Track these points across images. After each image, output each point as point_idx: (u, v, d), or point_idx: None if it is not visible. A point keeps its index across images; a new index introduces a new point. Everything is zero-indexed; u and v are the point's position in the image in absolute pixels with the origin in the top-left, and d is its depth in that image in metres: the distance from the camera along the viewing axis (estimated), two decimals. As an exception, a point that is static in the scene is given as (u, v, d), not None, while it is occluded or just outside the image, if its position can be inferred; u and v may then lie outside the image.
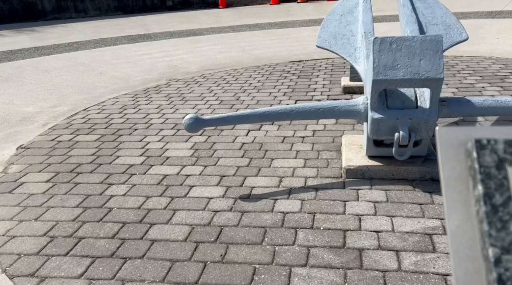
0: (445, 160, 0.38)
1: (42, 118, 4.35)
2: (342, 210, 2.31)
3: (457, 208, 0.37)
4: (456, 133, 0.39)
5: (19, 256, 2.10)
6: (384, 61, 2.31)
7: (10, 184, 2.88)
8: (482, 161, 0.37)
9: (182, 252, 2.04)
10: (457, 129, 0.40)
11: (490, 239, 0.35)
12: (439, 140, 0.39)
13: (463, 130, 0.39)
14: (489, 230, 0.35)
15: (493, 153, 0.37)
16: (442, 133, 0.39)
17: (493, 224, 0.35)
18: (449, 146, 0.39)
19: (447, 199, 0.37)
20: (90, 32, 11.34)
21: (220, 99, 4.57)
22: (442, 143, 0.39)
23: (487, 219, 0.35)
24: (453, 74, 4.94)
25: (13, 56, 8.32)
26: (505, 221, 0.35)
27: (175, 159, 3.09)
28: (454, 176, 0.38)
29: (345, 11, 3.41)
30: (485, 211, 0.36)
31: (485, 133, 0.38)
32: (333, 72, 5.45)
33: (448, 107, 2.46)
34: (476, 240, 0.36)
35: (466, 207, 0.37)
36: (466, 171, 0.38)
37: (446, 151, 0.39)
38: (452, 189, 0.37)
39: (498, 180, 0.36)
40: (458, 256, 0.35)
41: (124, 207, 2.49)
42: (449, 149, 0.38)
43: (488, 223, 0.35)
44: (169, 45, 8.41)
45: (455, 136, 0.39)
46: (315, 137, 3.33)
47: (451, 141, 0.39)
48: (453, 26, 3.08)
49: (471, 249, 0.35)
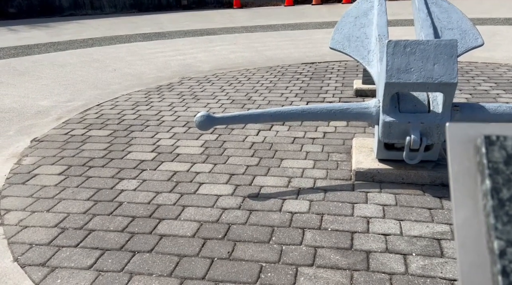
0: (454, 155, 0.39)
1: (56, 112, 4.41)
2: (351, 212, 2.31)
3: (464, 202, 0.38)
4: (466, 129, 0.40)
5: (30, 246, 2.14)
6: (397, 64, 2.30)
7: (24, 176, 2.93)
8: (490, 156, 0.38)
9: (190, 248, 2.06)
10: (467, 125, 0.41)
11: (496, 232, 0.35)
12: (449, 136, 0.40)
13: (473, 126, 0.40)
14: (496, 224, 0.36)
15: (502, 149, 0.38)
16: (452, 129, 0.40)
17: (499, 218, 0.36)
18: (459, 142, 0.39)
19: (455, 193, 0.38)
20: (105, 29, 11.46)
21: (232, 98, 4.60)
22: (452, 139, 0.40)
23: (493, 213, 0.36)
24: (467, 80, 4.90)
25: (30, 50, 8.46)
26: (511, 215, 0.36)
27: (185, 156, 3.12)
28: (463, 170, 0.39)
29: (360, 14, 3.40)
30: (492, 205, 0.36)
31: (495, 130, 0.39)
32: (346, 74, 5.44)
33: (461, 112, 2.44)
34: (482, 233, 0.37)
35: (474, 201, 0.38)
36: (474, 166, 0.39)
37: (455, 146, 0.39)
38: (460, 184, 0.38)
39: (506, 175, 0.37)
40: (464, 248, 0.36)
41: (134, 201, 2.52)
42: (458, 145, 0.39)
43: (494, 217, 0.36)
44: (182, 44, 8.47)
45: (465, 132, 0.39)
46: (326, 139, 3.33)
47: (461, 137, 0.40)
48: (468, 31, 3.05)
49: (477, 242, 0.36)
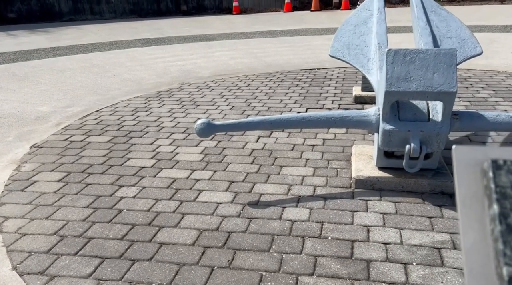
0: (461, 178, 0.39)
1: (55, 118, 4.41)
2: (351, 220, 2.31)
3: (472, 226, 0.38)
4: (472, 153, 0.40)
5: (29, 254, 2.13)
6: (397, 73, 2.31)
7: (23, 182, 2.92)
8: (498, 181, 0.38)
9: (190, 256, 2.05)
10: (473, 148, 0.41)
11: (505, 258, 0.35)
12: (456, 159, 0.40)
13: (479, 150, 0.40)
14: (504, 249, 0.36)
15: (509, 173, 0.38)
16: (458, 152, 0.40)
17: (508, 243, 0.36)
18: (466, 165, 0.39)
19: (463, 217, 0.38)
20: (105, 35, 11.49)
21: (231, 104, 4.60)
22: (458, 162, 0.40)
23: (502, 238, 0.36)
24: (465, 87, 4.92)
25: (29, 55, 8.46)
26: None
27: (185, 163, 3.12)
28: (470, 194, 0.39)
29: (359, 22, 3.42)
30: (500, 230, 0.36)
31: (502, 154, 0.39)
32: (345, 81, 5.45)
33: (460, 121, 2.45)
34: (490, 258, 0.37)
35: (482, 226, 0.38)
36: (481, 190, 0.39)
37: (462, 170, 0.39)
38: (468, 207, 0.38)
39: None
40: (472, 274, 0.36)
41: (134, 209, 2.51)
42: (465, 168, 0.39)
43: (503, 242, 0.36)
44: (182, 50, 8.49)
45: (471, 155, 0.40)
46: (325, 146, 3.33)
47: (468, 160, 0.40)
48: (467, 40, 3.07)
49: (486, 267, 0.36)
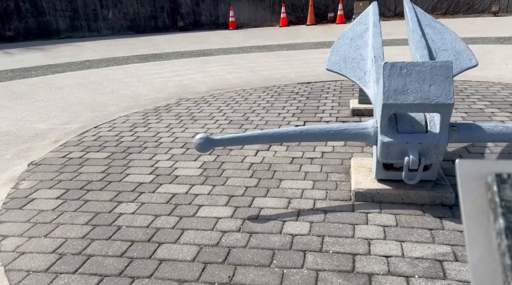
0: (466, 192, 0.39)
1: (53, 134, 4.41)
2: (351, 233, 2.30)
3: (478, 241, 0.38)
4: (476, 167, 0.40)
5: (28, 273, 2.10)
6: (394, 86, 2.33)
7: (21, 200, 2.90)
8: (503, 195, 0.38)
9: (190, 273, 2.03)
10: (477, 162, 0.41)
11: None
12: (459, 173, 0.40)
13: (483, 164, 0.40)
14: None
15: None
16: (462, 166, 0.40)
17: None
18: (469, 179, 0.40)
19: (468, 232, 0.38)
20: (102, 51, 11.56)
21: (229, 118, 4.61)
22: (462, 176, 0.40)
23: (509, 252, 0.36)
24: (462, 98, 4.95)
25: (27, 73, 8.49)
26: None
27: (184, 178, 3.11)
28: (475, 208, 0.39)
29: (355, 36, 3.46)
30: (507, 244, 0.36)
31: (506, 168, 0.39)
32: (342, 94, 5.48)
33: (458, 132, 2.46)
34: (498, 273, 0.37)
35: (488, 240, 0.38)
36: (486, 204, 0.39)
37: (466, 184, 0.40)
38: (474, 222, 0.38)
39: None
40: (480, 289, 0.36)
41: (133, 225, 2.49)
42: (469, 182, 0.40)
43: (510, 257, 0.36)
44: (179, 65, 8.54)
45: (475, 169, 0.40)
46: (324, 159, 3.33)
47: (471, 174, 0.40)
48: (462, 52, 3.11)
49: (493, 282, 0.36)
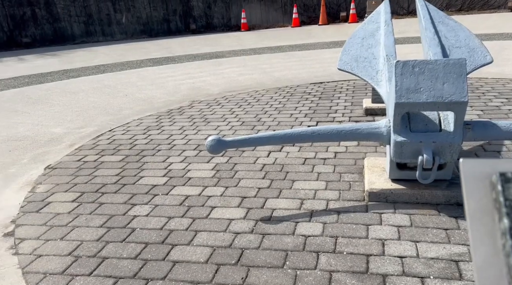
0: (469, 192, 0.39)
1: (69, 138, 4.48)
2: (365, 234, 2.28)
3: (483, 241, 0.37)
4: (480, 166, 0.39)
5: (44, 275, 2.14)
6: (406, 84, 2.30)
7: (38, 204, 2.96)
8: (507, 194, 0.37)
9: (204, 274, 2.04)
10: (481, 161, 0.40)
11: None
12: (463, 173, 0.40)
13: (487, 163, 0.39)
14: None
15: None
16: (466, 165, 0.39)
17: None
18: (474, 179, 0.39)
19: (473, 232, 0.37)
20: (116, 55, 11.70)
21: (241, 120, 4.62)
22: (466, 176, 0.39)
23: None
24: (478, 96, 4.87)
25: (43, 78, 8.64)
26: None
27: (197, 180, 3.12)
28: (480, 208, 0.38)
29: (367, 35, 3.43)
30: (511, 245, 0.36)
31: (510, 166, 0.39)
32: (355, 93, 5.45)
33: (473, 130, 2.42)
34: (503, 274, 0.36)
35: (493, 240, 0.37)
36: (491, 203, 0.38)
37: (470, 183, 0.39)
38: (478, 221, 0.38)
39: None
40: (485, 290, 0.35)
41: (147, 227, 2.52)
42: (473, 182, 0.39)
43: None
44: (192, 68, 8.59)
45: (479, 169, 0.39)
46: (337, 159, 3.31)
47: (475, 174, 0.39)
48: (477, 49, 3.05)
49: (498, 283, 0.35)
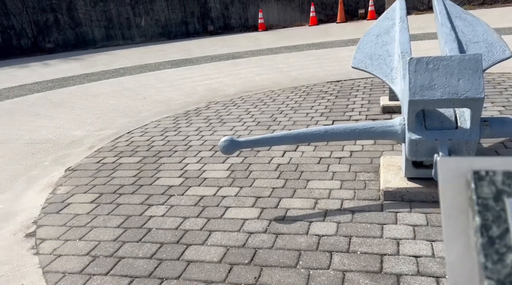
0: (445, 190, 0.38)
1: (89, 141, 4.58)
2: (380, 233, 2.25)
3: (456, 239, 0.37)
4: (457, 164, 0.39)
5: (63, 275, 2.20)
6: (420, 81, 2.27)
7: (58, 205, 3.04)
8: (480, 192, 0.37)
9: (217, 274, 2.06)
10: (457, 159, 0.40)
11: (486, 272, 0.34)
12: (440, 171, 0.39)
13: (463, 161, 0.39)
14: (485, 263, 0.35)
15: (491, 184, 0.37)
16: (443, 163, 0.39)
17: (489, 257, 0.35)
18: (450, 177, 0.39)
19: (447, 230, 0.37)
20: (135, 58, 11.88)
21: (257, 120, 4.63)
22: (443, 174, 0.39)
23: (483, 251, 0.35)
24: (499, 91, 4.75)
25: (65, 82, 8.86)
26: (501, 253, 0.34)
27: (212, 180, 3.15)
28: (455, 206, 0.38)
29: (381, 32, 3.39)
30: (482, 243, 0.35)
31: (484, 165, 0.38)
32: (372, 91, 5.38)
33: (491, 127, 2.36)
34: (475, 272, 0.36)
35: (466, 238, 0.37)
36: (466, 202, 0.38)
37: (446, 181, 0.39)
38: (453, 220, 0.37)
39: (495, 211, 0.36)
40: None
41: (163, 227, 2.55)
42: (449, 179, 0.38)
43: (484, 255, 0.35)
44: (209, 69, 8.65)
45: (455, 166, 0.39)
46: (353, 158, 3.28)
47: (452, 172, 0.39)
48: (495, 43, 2.98)
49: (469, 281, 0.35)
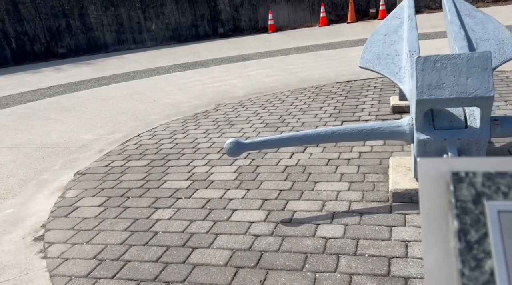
0: (425, 192, 0.36)
1: (98, 144, 4.61)
2: (388, 235, 2.21)
3: (435, 244, 0.34)
4: (437, 165, 0.36)
5: (70, 278, 2.20)
6: (428, 80, 2.23)
7: (67, 209, 3.06)
8: (458, 195, 0.34)
9: (222, 277, 2.04)
10: (439, 160, 0.37)
11: (463, 279, 0.32)
12: (420, 172, 0.37)
13: (444, 162, 0.37)
14: (463, 269, 0.32)
15: (470, 186, 0.35)
16: (423, 164, 0.37)
17: (466, 263, 0.32)
18: (430, 178, 0.36)
19: (425, 234, 0.35)
20: (146, 62, 11.97)
21: (265, 122, 4.61)
22: (422, 175, 0.37)
23: (461, 256, 0.33)
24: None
25: (76, 87, 8.96)
26: (479, 259, 0.32)
27: (219, 183, 3.14)
28: (434, 209, 0.35)
29: (389, 31, 3.35)
30: (459, 248, 0.33)
31: (465, 165, 0.36)
32: (382, 91, 5.33)
33: (501, 126, 2.31)
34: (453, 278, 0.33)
35: (445, 243, 0.34)
36: (446, 205, 0.36)
37: (426, 183, 0.36)
38: (432, 223, 0.35)
39: (474, 215, 0.34)
40: (434, 296, 0.33)
41: (169, 230, 2.55)
42: (429, 181, 0.36)
43: (461, 261, 0.32)
44: (219, 71, 8.67)
45: (436, 167, 0.36)
46: (361, 159, 3.24)
47: (432, 173, 0.37)
48: (506, 41, 2.92)
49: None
